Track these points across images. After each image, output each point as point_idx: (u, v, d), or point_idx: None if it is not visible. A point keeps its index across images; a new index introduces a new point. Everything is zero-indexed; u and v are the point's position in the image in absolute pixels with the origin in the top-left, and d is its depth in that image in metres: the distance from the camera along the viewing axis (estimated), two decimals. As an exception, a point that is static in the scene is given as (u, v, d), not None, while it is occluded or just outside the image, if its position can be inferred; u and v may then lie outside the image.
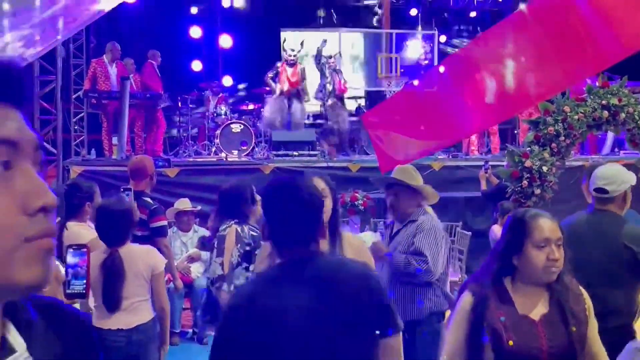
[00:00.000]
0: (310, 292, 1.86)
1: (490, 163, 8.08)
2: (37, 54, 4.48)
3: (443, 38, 14.48)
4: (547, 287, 2.34)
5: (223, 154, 10.38)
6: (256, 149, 10.73)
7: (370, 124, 7.12)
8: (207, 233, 6.35)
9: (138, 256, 3.51)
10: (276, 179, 2.23)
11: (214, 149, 10.90)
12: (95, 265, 3.27)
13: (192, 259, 6.20)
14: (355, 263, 2.09)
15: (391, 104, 7.27)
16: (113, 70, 9.65)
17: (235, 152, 10.26)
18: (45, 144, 8.75)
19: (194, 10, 13.95)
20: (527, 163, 6.16)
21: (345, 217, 6.63)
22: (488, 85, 5.83)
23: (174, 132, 11.62)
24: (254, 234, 3.65)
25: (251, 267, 3.56)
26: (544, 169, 6.13)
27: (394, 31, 12.06)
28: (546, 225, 2.31)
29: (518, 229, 2.34)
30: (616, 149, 11.10)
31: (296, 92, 10.44)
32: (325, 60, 10.33)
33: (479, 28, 15.94)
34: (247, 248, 3.62)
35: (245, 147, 10.42)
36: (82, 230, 3.73)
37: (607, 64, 5.40)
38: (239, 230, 3.70)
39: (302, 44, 10.72)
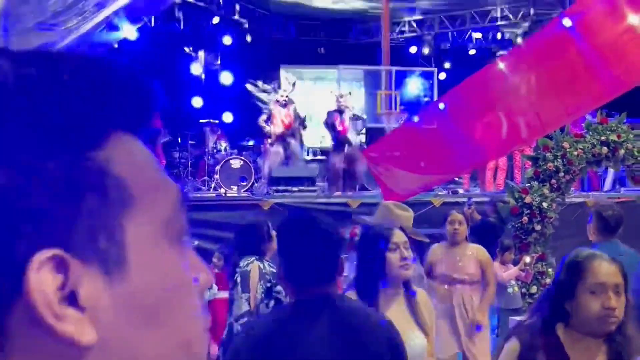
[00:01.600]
0: (324, 337, 1.81)
1: (473, 199, 8.11)
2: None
3: (442, 75, 14.59)
4: (606, 339, 2.07)
5: (222, 190, 10.35)
6: (256, 184, 10.71)
7: (371, 159, 7.13)
8: (205, 270, 6.30)
9: None
10: (293, 213, 2.20)
11: (213, 185, 10.88)
12: None
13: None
14: (371, 311, 2.04)
15: (391, 139, 7.28)
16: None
17: (235, 187, 10.23)
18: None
19: (193, 47, 14.05)
20: (527, 199, 6.13)
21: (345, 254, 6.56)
22: (487, 122, 5.85)
23: (172, 168, 11.61)
24: (273, 270, 3.63)
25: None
26: (544, 205, 6.10)
27: (394, 68, 12.15)
28: (603, 269, 2.05)
29: (571, 271, 2.10)
30: (617, 186, 11.05)
31: (291, 133, 10.45)
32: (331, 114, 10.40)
33: (478, 65, 16.16)
34: (269, 285, 3.63)
35: (244, 183, 10.40)
36: None
37: (605, 100, 5.40)
38: (261, 266, 3.72)
39: (293, 84, 10.79)
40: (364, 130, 11.20)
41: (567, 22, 5.50)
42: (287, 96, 10.40)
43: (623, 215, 4.29)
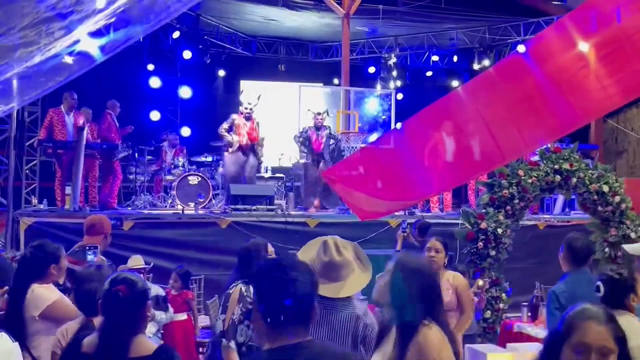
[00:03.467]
0: None
1: (407, 221, 8.29)
2: (9, 110, 4.39)
3: (400, 96, 14.79)
4: None
5: (179, 207, 10.26)
6: (213, 201, 10.66)
7: (330, 181, 7.19)
8: (161, 291, 6.20)
9: None
10: (270, 261, 2.21)
11: (169, 201, 10.78)
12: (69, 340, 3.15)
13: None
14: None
15: (351, 162, 7.35)
16: (70, 120, 9.52)
17: (192, 204, 10.15)
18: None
19: (152, 61, 13.91)
20: (483, 225, 6.26)
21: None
22: (447, 149, 5.96)
23: (129, 183, 11.45)
24: None
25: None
26: (499, 231, 6.25)
27: (353, 88, 12.28)
28: (591, 329, 1.89)
29: (563, 326, 1.96)
30: (567, 209, 11.38)
31: (252, 147, 10.46)
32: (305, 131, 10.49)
33: (434, 86, 16.46)
34: (249, 307, 3.67)
35: (202, 200, 10.33)
36: (47, 292, 3.60)
37: (561, 133, 5.58)
38: (244, 289, 3.81)
39: (259, 97, 10.79)
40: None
41: (525, 54, 5.66)
42: (251, 109, 10.40)
43: (592, 245, 4.46)
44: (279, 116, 14.19)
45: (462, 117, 5.91)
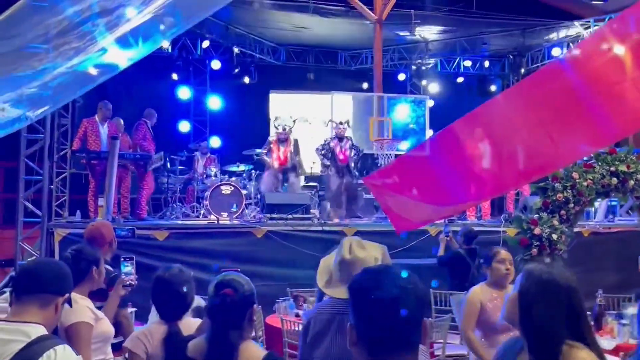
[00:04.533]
0: None
1: (450, 227, 8.04)
2: (44, 113, 4.24)
3: (431, 102, 14.54)
4: None
5: (212, 217, 10.09)
6: (246, 211, 10.47)
7: (373, 187, 6.94)
8: (202, 302, 6.01)
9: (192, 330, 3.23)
10: (367, 270, 1.80)
11: (202, 211, 10.61)
12: (156, 344, 3.05)
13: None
14: None
15: (395, 167, 7.09)
16: (104, 130, 9.41)
17: (225, 214, 9.97)
18: (28, 204, 8.40)
19: (182, 71, 13.84)
20: (537, 230, 5.98)
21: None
22: (495, 154, 5.71)
23: (160, 193, 11.32)
24: None
25: None
26: (554, 236, 5.96)
27: (387, 95, 12.06)
28: None
29: None
30: (610, 216, 11.01)
31: (291, 167, 10.35)
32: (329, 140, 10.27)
33: (466, 92, 16.20)
34: None
35: (235, 210, 10.15)
36: (81, 309, 3.37)
37: (606, 143, 5.31)
38: None
39: (294, 121, 10.67)
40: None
41: (564, 61, 5.42)
42: (286, 132, 10.27)
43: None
44: (309, 125, 14.03)
45: (502, 125, 5.66)
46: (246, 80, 14.21)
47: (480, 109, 6.07)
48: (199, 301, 6.04)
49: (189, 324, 3.24)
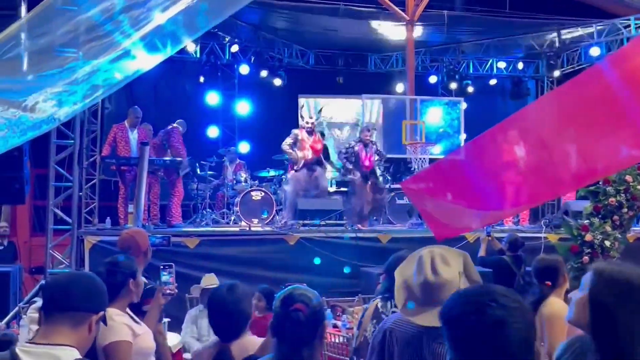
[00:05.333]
0: None
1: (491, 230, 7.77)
2: (72, 113, 4.05)
3: (464, 105, 14.21)
4: None
5: (243, 223, 9.90)
6: (277, 217, 10.25)
7: (411, 191, 6.67)
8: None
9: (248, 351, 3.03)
10: (461, 294, 1.57)
11: (232, 218, 10.43)
12: None
13: (221, 342, 5.57)
14: None
15: (434, 171, 6.81)
16: (134, 136, 9.28)
17: (256, 220, 9.77)
18: (58, 211, 8.27)
19: (210, 76, 13.69)
20: (588, 237, 5.66)
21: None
22: (544, 158, 5.41)
23: (190, 200, 11.15)
24: (395, 310, 3.28)
25: None
26: (607, 243, 5.63)
27: (420, 97, 11.78)
28: None
29: None
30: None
31: (317, 160, 10.04)
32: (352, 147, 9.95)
33: (499, 95, 15.83)
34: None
35: (266, 216, 9.95)
36: (124, 328, 3.14)
37: None
38: (380, 305, 3.56)
39: (320, 111, 10.41)
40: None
41: (606, 65, 5.11)
42: (313, 123, 9.98)
43: None
44: (338, 129, 13.83)
45: (550, 128, 5.35)
46: (276, 83, 14.01)
47: (523, 112, 5.79)
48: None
49: (247, 342, 3.01)
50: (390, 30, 12.80)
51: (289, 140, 10.01)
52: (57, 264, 8.32)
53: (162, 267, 3.68)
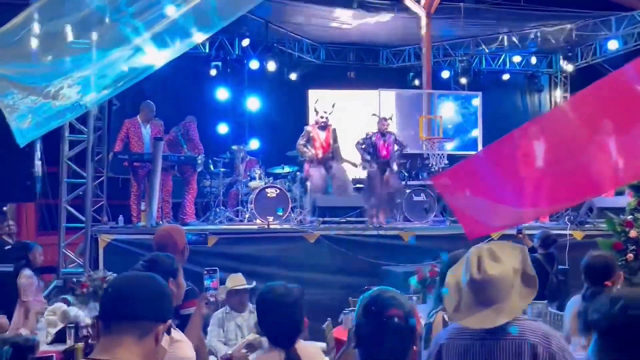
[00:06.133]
0: None
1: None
2: (99, 99, 3.79)
3: (476, 101, 13.94)
4: None
5: (258, 221, 9.64)
6: (292, 214, 9.99)
7: (443, 187, 6.40)
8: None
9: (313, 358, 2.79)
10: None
11: (247, 215, 10.16)
12: None
13: (251, 346, 5.28)
14: None
15: (467, 167, 6.54)
16: (146, 131, 9.01)
17: (271, 218, 9.48)
18: (71, 208, 7.99)
19: (219, 72, 13.40)
20: (632, 233, 5.40)
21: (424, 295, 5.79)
22: (587, 154, 5.16)
23: (203, 197, 10.88)
24: None
25: None
26: (653, 240, 5.36)
27: (437, 91, 11.51)
28: None
29: None
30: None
31: (332, 156, 9.81)
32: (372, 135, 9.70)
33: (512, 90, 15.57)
34: None
35: (281, 213, 9.67)
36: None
37: None
38: (447, 317, 3.19)
39: (333, 105, 10.15)
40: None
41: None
42: (327, 117, 9.72)
43: None
44: (350, 126, 13.53)
45: (591, 125, 5.11)
46: (289, 78, 13.74)
47: (560, 109, 5.57)
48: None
49: (309, 348, 2.76)
50: (404, 24, 12.52)
51: (302, 140, 9.89)
52: (70, 262, 8.06)
53: (205, 271, 3.40)
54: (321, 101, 10.70)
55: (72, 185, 8.08)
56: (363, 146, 9.59)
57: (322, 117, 9.86)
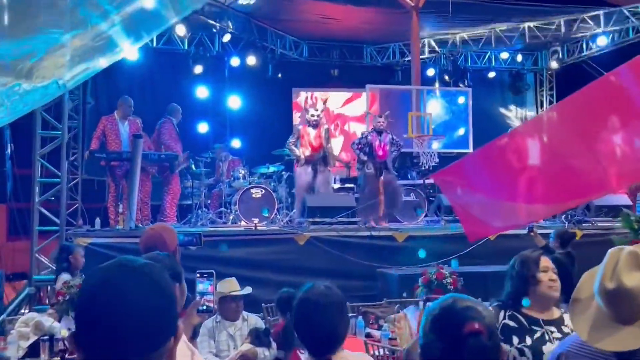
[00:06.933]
0: None
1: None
2: (81, 78, 3.32)
3: (462, 99, 13.63)
4: None
5: (243, 223, 9.19)
6: (278, 216, 9.55)
7: (444, 183, 6.03)
8: (260, 323, 5.07)
9: None
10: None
11: (231, 217, 9.69)
12: None
13: (245, 358, 4.81)
14: None
15: (469, 163, 6.17)
16: (124, 128, 8.50)
17: (256, 220, 9.02)
18: (44, 211, 7.45)
19: (199, 69, 12.88)
20: (651, 230, 5.06)
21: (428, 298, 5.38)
22: (598, 151, 4.83)
23: (186, 198, 10.39)
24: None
25: None
26: (673, 236, 5.03)
27: (426, 88, 11.16)
28: None
29: None
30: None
31: (321, 157, 9.37)
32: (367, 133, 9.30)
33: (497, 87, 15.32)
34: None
35: (267, 215, 9.23)
36: (183, 348, 2.41)
37: None
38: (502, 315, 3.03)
39: (325, 102, 9.74)
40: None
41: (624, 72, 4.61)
42: (318, 115, 9.31)
43: None
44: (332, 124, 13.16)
45: (600, 122, 4.81)
46: (271, 75, 13.28)
47: (566, 103, 5.21)
48: (256, 320, 5.10)
49: (350, 358, 2.36)
50: (390, 19, 12.16)
51: (292, 139, 9.51)
52: (43, 268, 7.53)
53: (198, 274, 2.94)
54: (310, 98, 10.31)
55: (45, 186, 7.53)
56: (359, 146, 9.17)
57: (312, 116, 9.45)
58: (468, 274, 6.64)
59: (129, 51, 4.40)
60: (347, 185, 10.47)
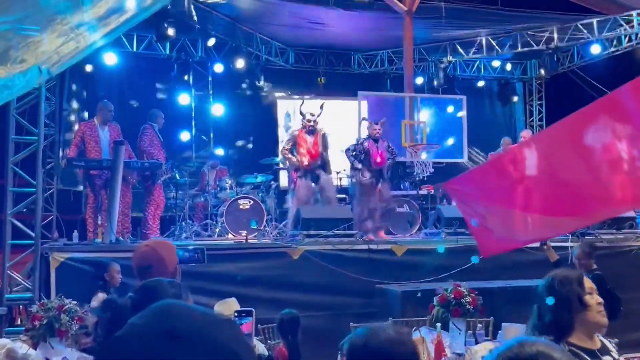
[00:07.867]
0: None
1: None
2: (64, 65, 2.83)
3: (451, 108, 13.28)
4: None
5: (230, 235, 8.68)
6: (267, 228, 9.06)
7: (456, 193, 5.59)
8: (262, 349, 4.58)
9: None
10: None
11: (218, 230, 9.17)
12: None
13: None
14: None
15: (483, 172, 5.75)
16: (104, 135, 7.95)
17: (244, 232, 8.50)
18: (18, 223, 6.86)
19: (180, 79, 12.36)
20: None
21: (445, 320, 4.93)
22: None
23: (169, 210, 9.83)
24: None
25: None
26: None
27: (420, 95, 10.79)
28: None
29: None
30: None
31: (321, 164, 8.89)
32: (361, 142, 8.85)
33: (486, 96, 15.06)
34: None
35: (255, 227, 8.72)
36: None
37: None
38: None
39: (321, 106, 9.27)
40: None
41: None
42: (315, 120, 8.85)
43: None
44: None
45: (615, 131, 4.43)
46: (255, 82, 12.80)
47: (586, 113, 4.85)
48: (259, 348, 4.59)
49: None
50: (380, 25, 11.79)
51: (287, 145, 8.96)
52: (14, 285, 6.92)
53: (235, 314, 2.49)
54: (307, 103, 9.81)
55: (18, 196, 6.93)
56: (354, 153, 8.71)
57: (309, 121, 8.96)
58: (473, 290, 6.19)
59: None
60: (338, 195, 10.00)
